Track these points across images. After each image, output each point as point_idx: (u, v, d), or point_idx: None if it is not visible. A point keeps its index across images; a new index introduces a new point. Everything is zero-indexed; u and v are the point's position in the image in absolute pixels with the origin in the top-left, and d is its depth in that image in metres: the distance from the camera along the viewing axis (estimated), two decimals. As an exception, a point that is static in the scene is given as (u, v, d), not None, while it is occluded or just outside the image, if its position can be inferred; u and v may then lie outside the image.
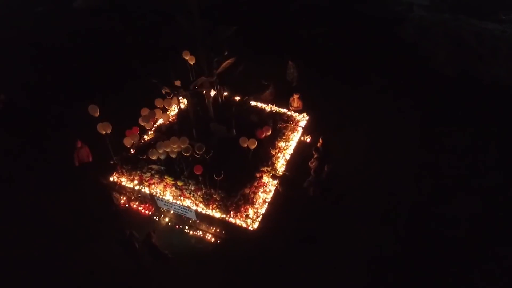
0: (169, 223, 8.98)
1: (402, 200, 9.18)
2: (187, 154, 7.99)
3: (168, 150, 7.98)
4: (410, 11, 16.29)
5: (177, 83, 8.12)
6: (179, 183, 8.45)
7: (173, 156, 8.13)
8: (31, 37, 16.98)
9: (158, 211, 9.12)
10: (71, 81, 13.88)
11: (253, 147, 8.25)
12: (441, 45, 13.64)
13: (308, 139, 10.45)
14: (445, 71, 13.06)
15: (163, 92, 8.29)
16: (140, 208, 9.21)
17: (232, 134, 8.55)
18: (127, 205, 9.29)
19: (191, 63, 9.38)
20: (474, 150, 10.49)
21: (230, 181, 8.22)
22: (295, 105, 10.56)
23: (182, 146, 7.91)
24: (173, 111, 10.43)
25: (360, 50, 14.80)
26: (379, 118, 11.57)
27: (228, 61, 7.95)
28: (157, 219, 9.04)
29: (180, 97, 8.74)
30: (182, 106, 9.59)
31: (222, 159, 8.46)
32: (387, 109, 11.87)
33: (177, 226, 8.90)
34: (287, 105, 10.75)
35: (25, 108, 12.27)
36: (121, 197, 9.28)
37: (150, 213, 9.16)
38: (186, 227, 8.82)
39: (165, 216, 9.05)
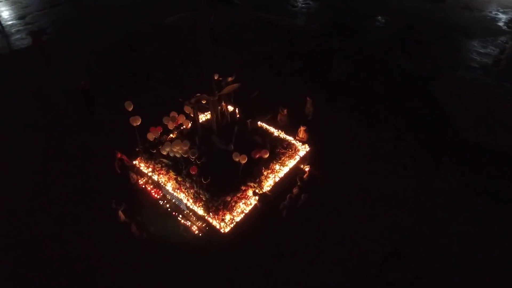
0: (169, 209, 9.86)
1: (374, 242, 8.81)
2: (186, 156, 8.80)
3: (174, 149, 8.92)
4: (453, 70, 15.15)
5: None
6: (179, 179, 9.32)
7: (177, 156, 9.07)
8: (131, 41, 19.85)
9: (164, 197, 10.11)
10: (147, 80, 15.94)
11: (244, 162, 8.72)
12: (471, 108, 12.46)
13: (307, 168, 10.52)
14: (467, 134, 11.93)
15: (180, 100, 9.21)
16: (152, 191, 10.34)
17: (230, 149, 9.10)
18: (143, 186, 10.49)
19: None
20: (476, 216, 9.54)
21: (217, 187, 8.80)
22: (300, 136, 10.70)
23: (184, 148, 8.81)
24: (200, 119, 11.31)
25: (387, 98, 14.28)
26: (380, 164, 11.09)
27: (232, 85, 8.52)
28: (161, 203, 10.04)
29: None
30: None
31: (215, 167, 9.08)
32: (391, 158, 11.34)
33: (173, 213, 9.74)
34: (295, 134, 10.97)
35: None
36: (140, 178, 10.51)
37: (158, 197, 10.21)
38: (180, 216, 9.60)
39: (167, 202, 10.01)
